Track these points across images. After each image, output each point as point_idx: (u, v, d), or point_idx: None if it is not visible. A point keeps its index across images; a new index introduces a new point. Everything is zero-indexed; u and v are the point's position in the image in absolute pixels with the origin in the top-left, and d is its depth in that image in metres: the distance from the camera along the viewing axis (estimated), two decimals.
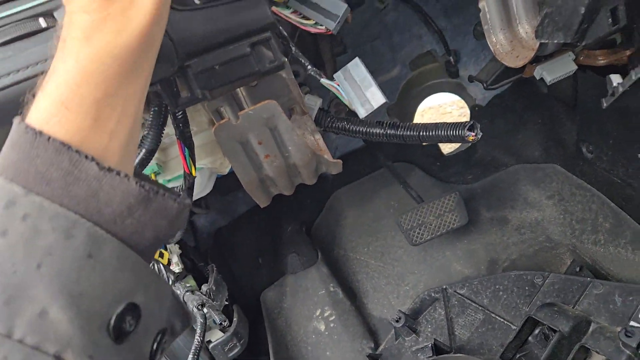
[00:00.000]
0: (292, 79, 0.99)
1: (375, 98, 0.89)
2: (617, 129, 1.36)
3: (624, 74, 0.93)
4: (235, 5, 0.77)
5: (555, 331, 1.11)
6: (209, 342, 1.36)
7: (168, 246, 1.28)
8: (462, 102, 1.94)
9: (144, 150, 0.91)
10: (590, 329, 1.11)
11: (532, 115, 1.71)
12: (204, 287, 1.27)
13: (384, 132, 1.01)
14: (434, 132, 0.97)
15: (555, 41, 0.90)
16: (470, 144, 1.77)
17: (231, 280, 1.60)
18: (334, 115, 1.07)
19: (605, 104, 0.93)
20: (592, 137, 1.46)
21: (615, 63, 1.14)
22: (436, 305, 1.38)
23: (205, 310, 1.19)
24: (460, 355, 1.25)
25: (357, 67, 0.90)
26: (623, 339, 1.01)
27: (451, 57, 1.72)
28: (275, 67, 0.79)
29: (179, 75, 0.80)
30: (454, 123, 0.96)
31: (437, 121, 0.96)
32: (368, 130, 1.02)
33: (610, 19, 0.83)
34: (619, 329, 1.06)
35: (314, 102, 1.06)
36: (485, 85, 1.34)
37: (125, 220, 0.43)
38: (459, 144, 1.83)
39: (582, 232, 1.45)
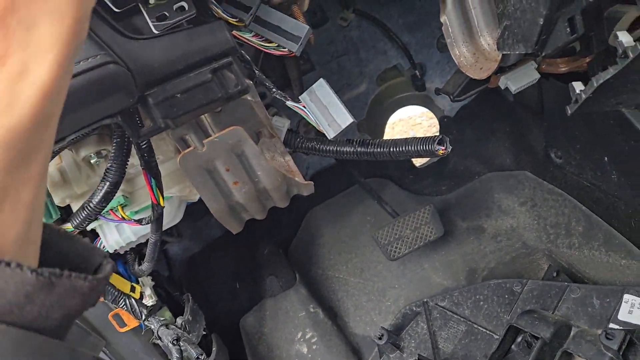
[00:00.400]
0: (258, 102, 0.98)
1: (343, 118, 0.88)
2: (583, 134, 1.39)
3: (586, 81, 0.94)
4: (194, 31, 0.76)
5: (537, 338, 1.10)
6: None
7: (140, 279, 1.24)
8: (432, 113, 1.96)
9: (107, 184, 0.88)
10: (572, 334, 1.12)
11: (501, 124, 1.73)
12: (179, 320, 1.23)
13: (354, 150, 1.00)
14: (404, 148, 0.96)
15: (517, 52, 0.91)
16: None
17: (208, 307, 1.56)
18: (303, 135, 1.05)
19: (569, 111, 0.94)
20: (560, 142, 1.49)
21: (576, 70, 1.16)
22: (418, 320, 1.36)
23: (181, 344, 1.15)
24: None
25: (322, 88, 0.89)
26: (604, 341, 1.01)
27: (417, 71, 1.74)
28: (239, 92, 0.78)
29: (140, 105, 0.78)
30: (423, 138, 0.96)
31: (408, 133, 0.96)
32: (338, 149, 1.02)
33: (568, 29, 0.85)
34: (599, 331, 1.06)
35: (282, 124, 1.05)
36: (451, 97, 1.35)
37: (25, 308, 0.39)
38: None
39: (556, 237, 1.46)
